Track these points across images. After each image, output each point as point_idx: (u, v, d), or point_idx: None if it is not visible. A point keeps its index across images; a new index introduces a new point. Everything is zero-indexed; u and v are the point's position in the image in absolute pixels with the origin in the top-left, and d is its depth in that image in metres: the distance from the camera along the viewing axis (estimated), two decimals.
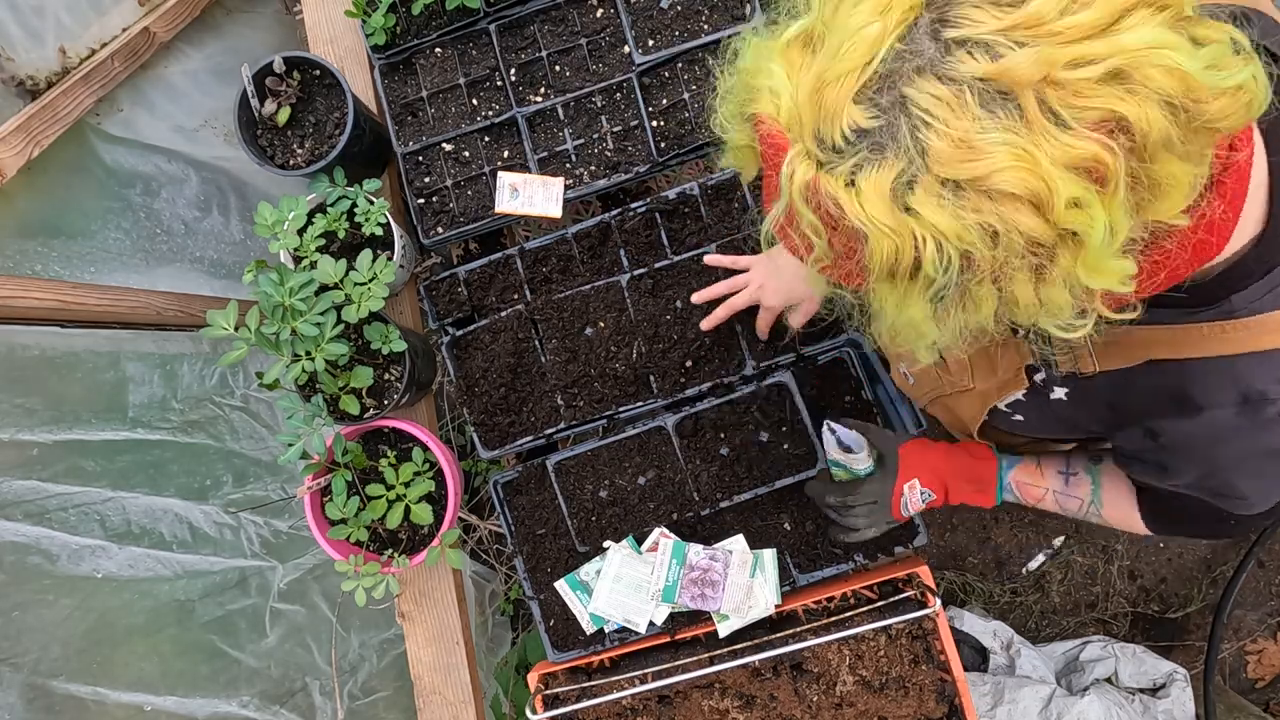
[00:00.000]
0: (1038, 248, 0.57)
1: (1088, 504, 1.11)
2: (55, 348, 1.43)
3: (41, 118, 1.41)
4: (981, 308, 0.61)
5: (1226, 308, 0.74)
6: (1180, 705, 2.00)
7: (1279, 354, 0.74)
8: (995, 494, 1.18)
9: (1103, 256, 0.57)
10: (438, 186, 1.54)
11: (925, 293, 0.60)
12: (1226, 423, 0.77)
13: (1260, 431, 0.77)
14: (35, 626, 1.34)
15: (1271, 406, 0.75)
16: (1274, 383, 0.75)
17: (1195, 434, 0.80)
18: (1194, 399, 0.78)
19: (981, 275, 0.58)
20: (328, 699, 1.68)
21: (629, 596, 1.40)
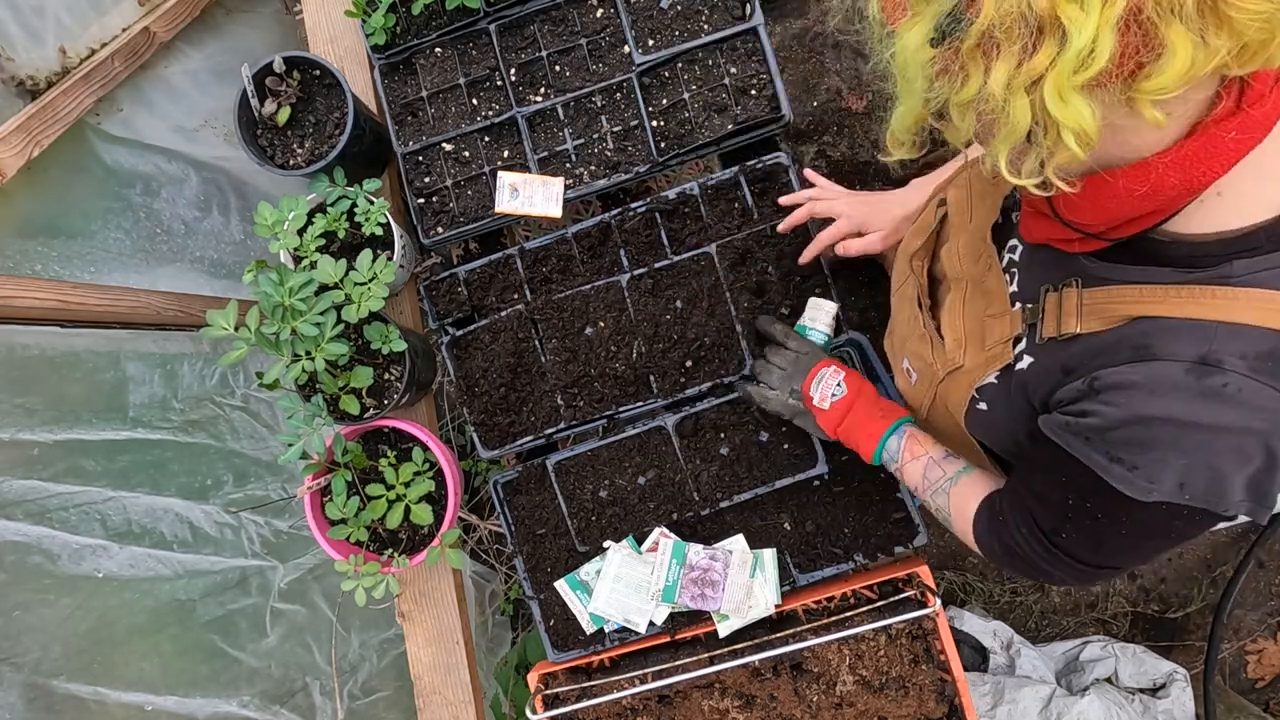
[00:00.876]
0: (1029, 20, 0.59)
1: (947, 478, 1.12)
2: (55, 348, 1.43)
3: (41, 118, 1.41)
4: (967, 82, 0.64)
5: (1224, 271, 0.73)
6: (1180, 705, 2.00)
7: (1253, 330, 0.72)
8: (889, 428, 1.20)
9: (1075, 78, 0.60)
10: (438, 186, 1.54)
11: (932, 19, 0.63)
12: (1170, 376, 0.75)
13: (1197, 398, 0.73)
14: (36, 626, 1.35)
15: (1220, 376, 0.73)
16: (1236, 356, 0.72)
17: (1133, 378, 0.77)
18: (1152, 349, 0.76)
19: (978, 30, 0.61)
20: (328, 699, 1.68)
21: (629, 596, 1.40)
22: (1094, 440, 0.81)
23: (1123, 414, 0.78)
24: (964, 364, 1.05)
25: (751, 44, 1.48)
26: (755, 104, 1.48)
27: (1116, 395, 0.79)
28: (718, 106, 1.48)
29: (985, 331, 1.01)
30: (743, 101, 1.48)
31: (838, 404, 1.26)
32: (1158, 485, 0.78)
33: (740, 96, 1.48)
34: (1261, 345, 0.72)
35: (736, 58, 1.49)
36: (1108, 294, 0.82)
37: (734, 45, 1.49)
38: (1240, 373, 0.72)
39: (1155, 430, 0.76)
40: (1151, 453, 0.77)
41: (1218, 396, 0.73)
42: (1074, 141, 0.63)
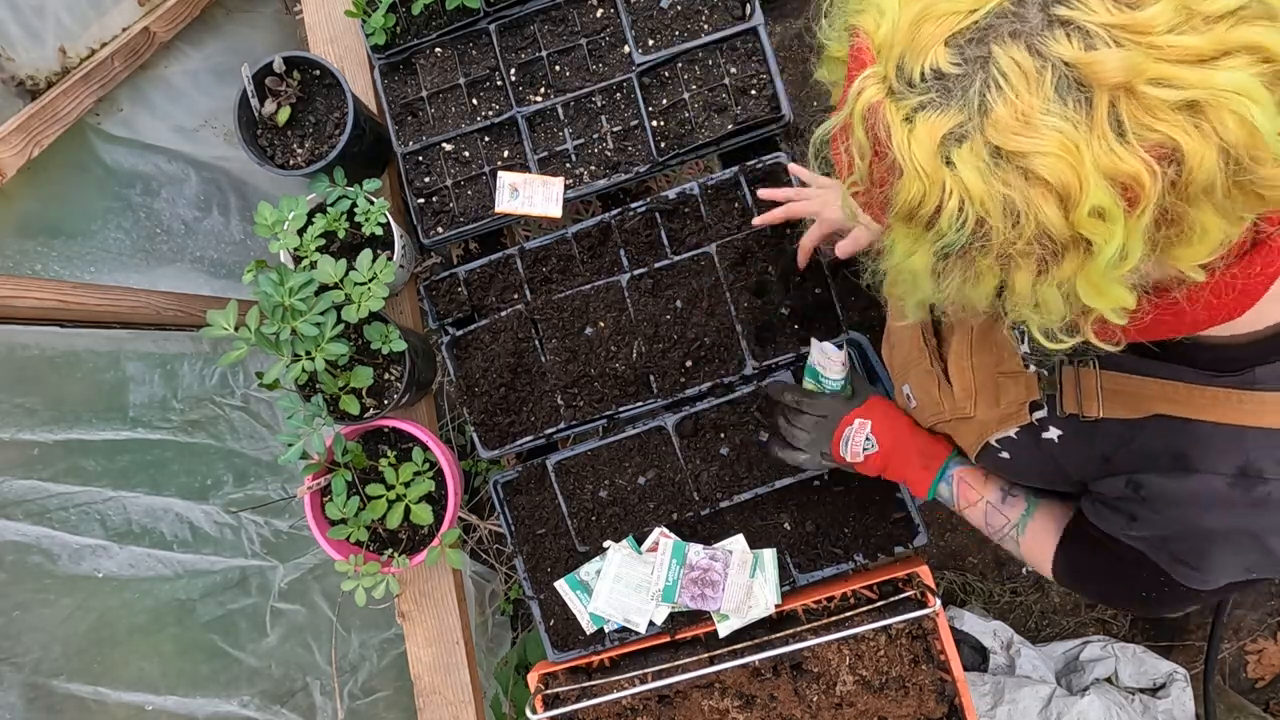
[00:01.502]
0: (1049, 243, 0.57)
1: (1013, 526, 1.11)
2: (55, 348, 1.43)
3: (41, 118, 1.41)
4: (981, 283, 0.62)
5: (1248, 378, 0.74)
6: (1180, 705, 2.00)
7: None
8: (935, 477, 1.17)
9: (1107, 277, 0.57)
10: (438, 186, 1.54)
11: (934, 245, 0.61)
12: (1216, 491, 0.76)
13: (1246, 509, 0.76)
14: (36, 626, 1.35)
15: (1264, 486, 0.74)
16: (1274, 463, 0.74)
17: (1180, 494, 0.79)
18: (1191, 460, 0.77)
19: (990, 249, 0.58)
20: (328, 699, 1.68)
21: (629, 596, 1.40)
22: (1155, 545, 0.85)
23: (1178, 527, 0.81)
24: (975, 415, 1.04)
25: (751, 44, 1.48)
26: (755, 104, 1.48)
27: (1166, 508, 0.81)
28: (718, 106, 1.48)
29: (999, 389, 1.00)
30: (743, 101, 1.48)
31: (872, 458, 1.20)
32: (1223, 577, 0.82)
33: (740, 96, 1.48)
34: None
35: (736, 58, 1.49)
36: (1131, 384, 0.81)
37: (734, 45, 1.48)
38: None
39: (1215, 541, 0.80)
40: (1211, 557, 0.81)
41: (1265, 504, 0.75)
42: (1114, 316, 0.61)
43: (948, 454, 1.17)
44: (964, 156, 0.56)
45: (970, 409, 1.04)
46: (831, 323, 1.46)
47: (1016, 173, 0.55)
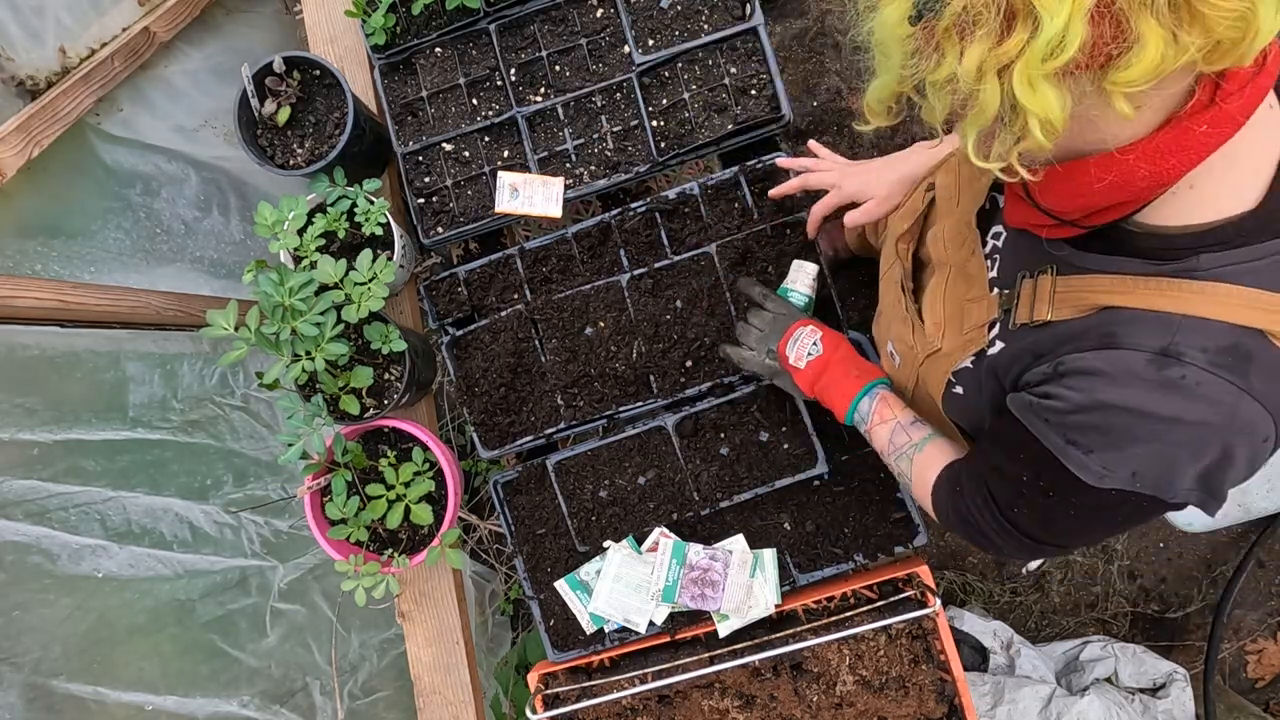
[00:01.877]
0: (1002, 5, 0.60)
1: (912, 444, 1.13)
2: (55, 348, 1.43)
3: (41, 118, 1.41)
4: (941, 62, 0.65)
5: (1191, 264, 0.74)
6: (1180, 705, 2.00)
7: (1215, 325, 0.73)
8: (862, 389, 1.21)
9: (1045, 66, 0.60)
10: (438, 186, 1.54)
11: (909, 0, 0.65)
12: (1131, 365, 0.76)
13: (1155, 388, 0.75)
14: (35, 626, 1.35)
15: (1179, 368, 0.74)
16: (1196, 349, 0.73)
17: (1096, 365, 0.78)
18: (1117, 337, 0.78)
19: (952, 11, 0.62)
20: (328, 699, 1.68)
21: (629, 596, 1.40)
22: (1054, 422, 0.83)
23: (1083, 399, 0.79)
24: (942, 347, 1.07)
25: (751, 44, 1.48)
26: (755, 104, 1.48)
27: (1079, 380, 0.80)
28: (718, 106, 1.48)
29: (964, 315, 1.03)
30: (743, 101, 1.48)
31: (813, 363, 1.26)
32: (1111, 472, 0.79)
33: (740, 96, 1.48)
34: (1222, 340, 0.73)
35: (736, 58, 1.49)
36: (1081, 282, 0.83)
37: (734, 45, 1.49)
38: (1199, 366, 0.73)
39: (1113, 418, 0.78)
40: (1108, 439, 0.79)
41: (1176, 388, 0.74)
42: (1039, 130, 0.64)
43: (875, 374, 1.23)
44: None
45: (939, 341, 1.08)
46: (832, 322, 1.46)
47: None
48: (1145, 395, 0.75)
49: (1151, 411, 0.76)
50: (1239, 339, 0.73)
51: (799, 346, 1.28)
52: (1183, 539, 2.49)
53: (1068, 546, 0.95)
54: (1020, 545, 0.95)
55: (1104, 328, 0.79)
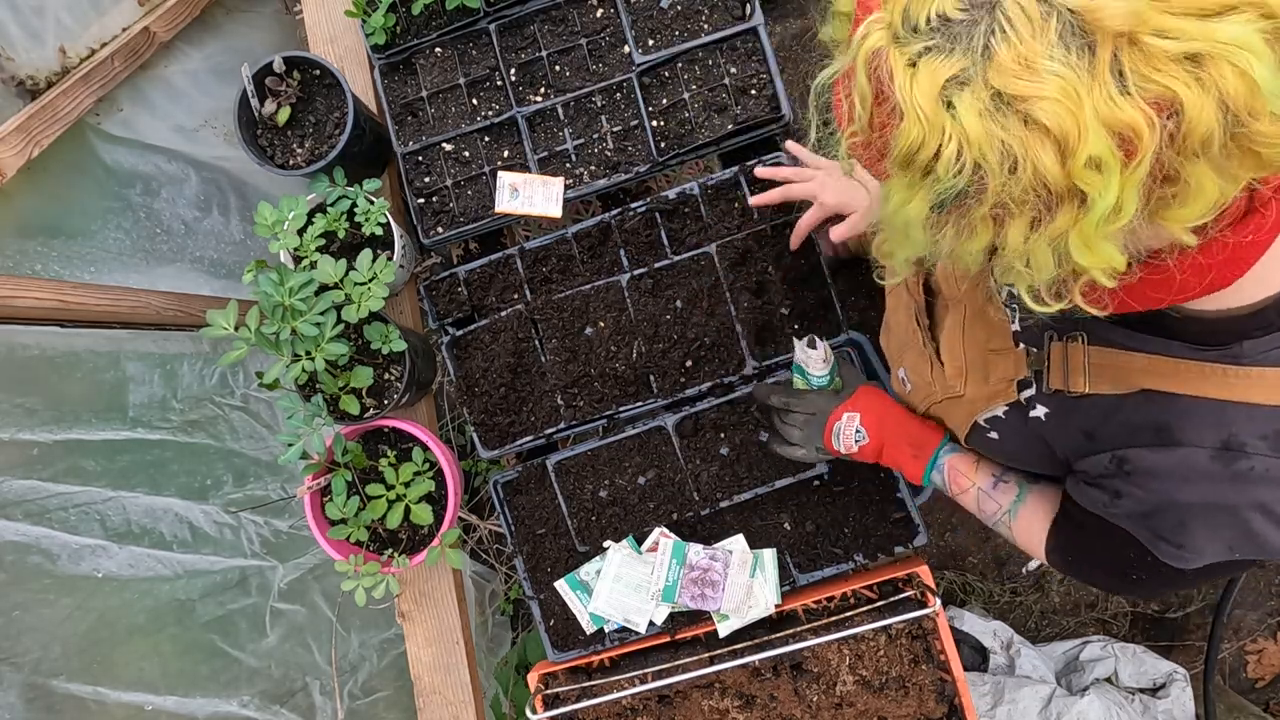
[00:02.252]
0: (1045, 192, 0.57)
1: (1004, 511, 1.11)
2: (55, 348, 1.43)
3: (41, 118, 1.41)
4: (975, 237, 0.62)
5: (1235, 351, 0.74)
6: (1180, 705, 2.00)
7: (1266, 409, 0.73)
8: (927, 466, 1.17)
9: (1099, 232, 0.58)
10: (438, 186, 1.54)
11: (930, 192, 0.61)
12: (1198, 464, 0.76)
13: (1226, 483, 0.75)
14: (35, 626, 1.35)
15: (1246, 460, 0.74)
16: (1257, 438, 0.74)
17: (1162, 466, 0.79)
18: (1174, 433, 0.77)
19: (985, 198, 0.59)
20: (328, 699, 1.68)
21: (629, 596, 1.40)
22: (1135, 520, 0.84)
23: (1159, 500, 0.80)
24: (964, 394, 1.05)
25: (751, 44, 1.48)
26: (755, 104, 1.48)
27: (1149, 481, 0.80)
28: (718, 106, 1.48)
29: (988, 366, 1.00)
30: (743, 101, 1.48)
31: (865, 449, 1.21)
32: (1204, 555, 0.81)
33: (740, 96, 1.48)
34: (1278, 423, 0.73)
35: (736, 58, 1.49)
36: (1116, 356, 0.81)
37: (734, 45, 1.48)
38: (1263, 454, 0.74)
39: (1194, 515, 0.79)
40: (1194, 534, 0.80)
41: (1246, 479, 0.75)
42: (1104, 278, 0.61)
43: (937, 442, 1.17)
44: (965, 101, 0.57)
45: (960, 387, 1.05)
46: (832, 322, 1.46)
47: (1016, 118, 0.56)
48: (1219, 491, 0.76)
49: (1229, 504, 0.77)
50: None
51: (844, 439, 1.22)
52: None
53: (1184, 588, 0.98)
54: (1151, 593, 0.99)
55: (1157, 419, 0.79)
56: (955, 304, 1.07)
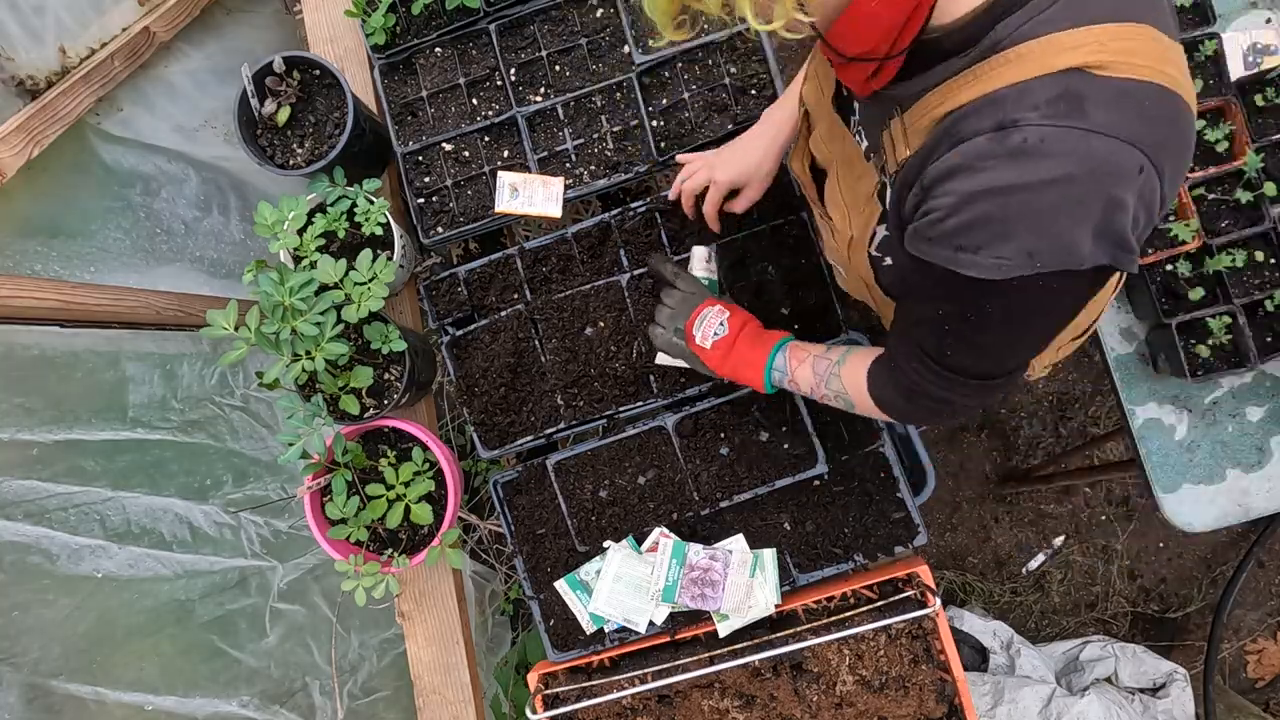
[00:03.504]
0: None
1: (834, 363, 1.16)
2: (55, 348, 1.43)
3: (41, 117, 1.41)
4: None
5: (991, 40, 0.75)
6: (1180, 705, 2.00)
7: (1032, 84, 0.73)
8: (771, 350, 1.25)
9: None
10: (438, 186, 1.54)
11: None
12: (979, 149, 0.76)
13: (1006, 161, 0.74)
14: (35, 626, 1.35)
15: (1018, 133, 0.73)
16: (1028, 109, 0.73)
17: (949, 165, 0.78)
18: (958, 132, 0.78)
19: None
20: (328, 699, 1.68)
21: (629, 596, 1.40)
22: (936, 237, 0.81)
23: (952, 200, 0.78)
24: (853, 233, 1.10)
25: (751, 43, 1.48)
26: (755, 104, 1.47)
27: (942, 185, 0.79)
28: (718, 106, 1.48)
29: (857, 195, 1.06)
30: (743, 101, 1.48)
31: (719, 342, 1.28)
32: (1005, 260, 0.77)
33: (740, 96, 1.48)
34: (1048, 92, 0.73)
35: (736, 57, 1.49)
36: (919, 108, 0.84)
37: (734, 45, 1.48)
38: (1035, 124, 0.72)
39: (983, 205, 0.77)
40: (988, 229, 0.77)
41: (1023, 153, 0.73)
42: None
43: (778, 337, 1.27)
44: None
45: (848, 229, 1.12)
46: (832, 323, 1.46)
47: None
48: (1000, 171, 0.74)
49: (1011, 183, 0.74)
50: (1064, 85, 0.73)
51: (705, 325, 1.30)
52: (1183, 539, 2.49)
53: (1015, 369, 0.94)
54: (975, 390, 0.94)
55: (948, 132, 0.80)
56: (830, 165, 1.16)
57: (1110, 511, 2.51)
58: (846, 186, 1.11)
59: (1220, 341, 1.55)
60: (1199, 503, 1.62)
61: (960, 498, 2.54)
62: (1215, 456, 1.63)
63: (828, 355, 1.18)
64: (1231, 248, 1.55)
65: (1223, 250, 1.55)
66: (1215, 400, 1.64)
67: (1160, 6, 0.78)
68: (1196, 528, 1.63)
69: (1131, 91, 0.73)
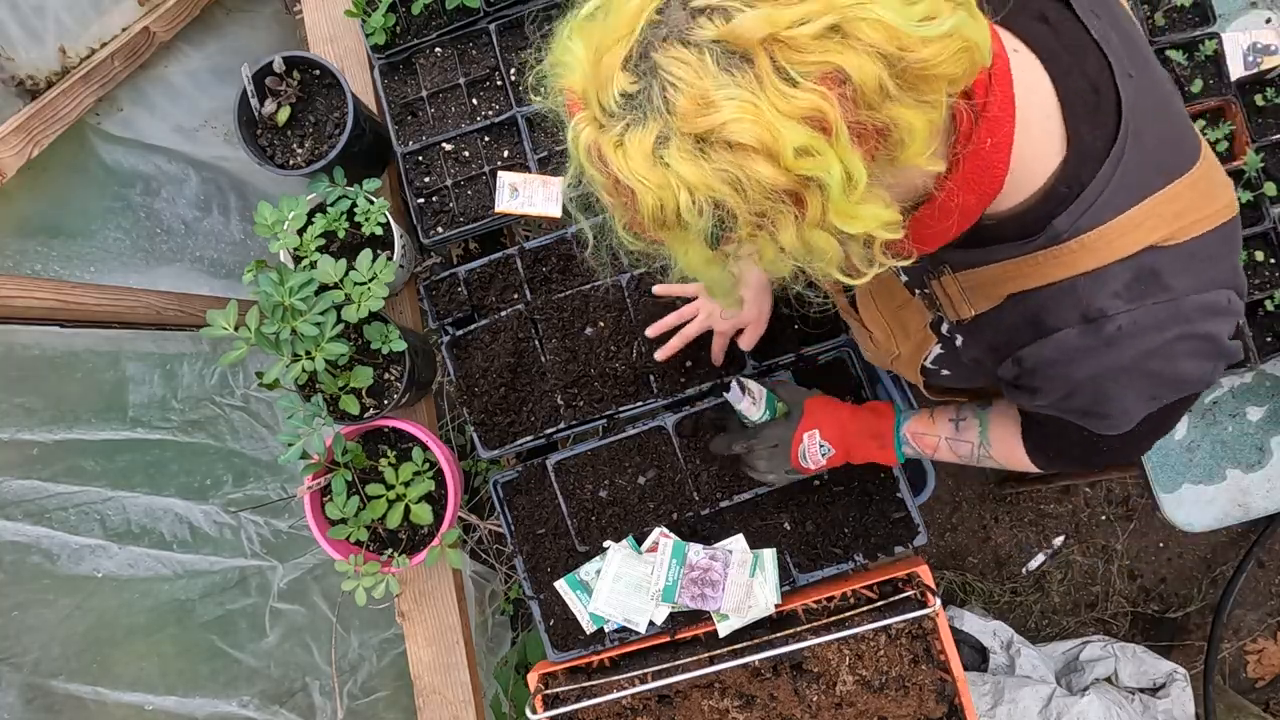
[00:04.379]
0: (782, 194, 0.62)
1: (977, 446, 1.16)
2: (55, 347, 1.43)
3: (41, 117, 1.41)
4: (762, 253, 0.68)
5: (1052, 233, 0.78)
6: (1180, 705, 2.00)
7: (1106, 272, 0.77)
8: (895, 447, 1.24)
9: (850, 200, 0.63)
10: (438, 186, 1.54)
11: (696, 237, 0.66)
12: (1072, 342, 0.80)
13: (1104, 348, 0.78)
14: (35, 626, 1.35)
15: (1110, 323, 0.77)
16: (1110, 298, 0.77)
17: (1047, 355, 0.82)
18: (1045, 323, 0.81)
19: (739, 222, 0.64)
20: (328, 699, 1.68)
21: (629, 596, 1.40)
22: (1059, 407, 0.88)
23: (1059, 387, 0.84)
24: (901, 353, 1.15)
25: None
26: None
27: (1045, 370, 0.84)
28: None
29: (903, 321, 1.10)
30: None
31: (834, 459, 1.28)
32: (1132, 414, 0.85)
33: None
34: (1125, 276, 0.77)
35: None
36: (978, 275, 0.87)
37: None
38: (1124, 310, 0.77)
39: (1095, 388, 0.82)
40: (1108, 403, 0.84)
41: (1119, 339, 0.78)
42: (884, 231, 0.67)
43: (892, 421, 1.25)
44: (674, 154, 0.62)
45: (895, 348, 1.15)
46: (831, 324, 1.46)
47: (721, 149, 0.61)
48: (1101, 359, 0.79)
49: (1117, 367, 0.79)
50: (1136, 267, 0.76)
51: (811, 457, 1.27)
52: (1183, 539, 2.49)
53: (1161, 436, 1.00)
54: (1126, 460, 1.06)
55: (1029, 317, 0.83)
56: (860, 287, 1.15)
57: (1110, 511, 2.51)
58: (885, 308, 1.13)
59: None
60: (1199, 502, 1.62)
61: (960, 498, 2.54)
62: (1215, 456, 1.63)
63: (963, 438, 1.17)
64: None
65: None
66: (1215, 400, 1.64)
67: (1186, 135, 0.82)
68: (1196, 527, 1.63)
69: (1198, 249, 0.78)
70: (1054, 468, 1.12)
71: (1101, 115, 0.77)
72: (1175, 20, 1.58)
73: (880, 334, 1.17)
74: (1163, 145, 0.79)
